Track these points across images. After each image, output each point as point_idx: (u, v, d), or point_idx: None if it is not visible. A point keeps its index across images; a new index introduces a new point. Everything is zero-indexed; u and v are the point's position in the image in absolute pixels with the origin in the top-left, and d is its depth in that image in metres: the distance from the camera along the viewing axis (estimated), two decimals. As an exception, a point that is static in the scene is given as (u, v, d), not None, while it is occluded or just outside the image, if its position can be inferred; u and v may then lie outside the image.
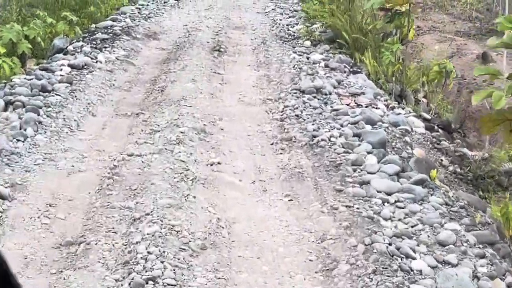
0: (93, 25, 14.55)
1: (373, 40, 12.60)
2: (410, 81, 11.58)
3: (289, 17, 17.19)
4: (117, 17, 15.58)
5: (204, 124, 8.35)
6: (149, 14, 16.66)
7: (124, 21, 15.15)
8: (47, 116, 8.24)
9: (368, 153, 7.28)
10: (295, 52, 12.62)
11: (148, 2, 18.63)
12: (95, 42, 12.84)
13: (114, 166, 6.74)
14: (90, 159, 7.15)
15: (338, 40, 12.99)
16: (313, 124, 8.28)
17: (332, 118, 8.57)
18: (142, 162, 6.80)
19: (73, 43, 12.79)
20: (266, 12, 18.04)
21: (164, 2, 19.31)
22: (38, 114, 8.21)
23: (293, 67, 11.45)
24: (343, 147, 7.45)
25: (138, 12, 16.82)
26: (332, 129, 8.07)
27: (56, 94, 9.11)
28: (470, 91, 14.91)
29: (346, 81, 10.46)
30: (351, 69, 11.38)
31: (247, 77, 11.39)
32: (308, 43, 13.50)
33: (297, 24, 15.81)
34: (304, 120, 8.50)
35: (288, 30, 15.05)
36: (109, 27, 14.38)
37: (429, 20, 19.70)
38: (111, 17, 15.72)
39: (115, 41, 13.05)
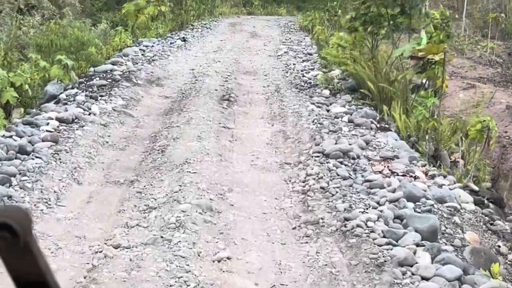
0: (92, 69, 13.04)
1: (401, 91, 11.03)
2: (444, 138, 9.96)
3: (303, 61, 15.70)
4: (119, 60, 14.07)
5: (211, 199, 6.72)
6: (153, 56, 15.16)
7: (126, 64, 13.64)
8: (21, 188, 6.62)
9: (417, 245, 5.64)
10: (313, 103, 11.05)
11: (154, 43, 17.19)
12: (91, 89, 11.29)
13: (93, 267, 5.08)
14: (66, 251, 5.50)
15: (361, 90, 11.42)
16: (343, 201, 6.64)
17: (366, 192, 6.93)
18: (130, 260, 5.13)
19: (67, 89, 11.25)
20: (279, 56, 16.55)
21: (171, 43, 17.87)
22: (10, 185, 6.60)
23: (312, 121, 9.87)
24: (384, 236, 5.80)
25: (142, 54, 15.33)
26: (367, 208, 6.44)
27: (36, 157, 7.51)
28: (503, 145, 13.32)
29: (375, 140, 8.84)
30: (378, 125, 9.78)
31: (260, 132, 9.80)
32: (326, 92, 11.94)
33: (312, 69, 14.28)
34: (332, 195, 6.87)
35: (303, 76, 13.51)
36: (108, 72, 12.86)
37: (449, 65, 18.12)
38: (112, 59, 14.22)
39: (114, 88, 11.50)
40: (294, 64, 15.23)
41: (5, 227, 0.75)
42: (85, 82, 11.85)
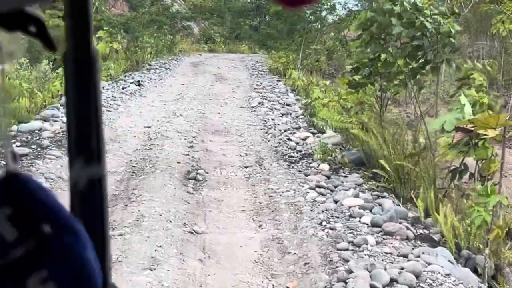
0: (15, 127, 9.40)
1: (428, 172, 7.68)
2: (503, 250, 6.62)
3: (282, 114, 12.29)
4: (53, 113, 10.46)
5: None
6: (99, 107, 11.50)
7: (61, 120, 10.02)
8: None
9: None
10: (313, 188, 7.61)
11: (103, 87, 13.55)
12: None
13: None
14: None
15: (374, 170, 8.04)
16: None
17: None
18: None
19: (-28, 161, 7.63)
20: (253, 108, 13.09)
21: (123, 88, 14.29)
22: None
23: (320, 223, 6.44)
24: None
25: (85, 104, 11.68)
26: None
27: None
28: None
29: (426, 270, 5.42)
30: (416, 232, 6.39)
31: (244, 241, 6.28)
32: (325, 167, 8.52)
33: (297, 129, 10.87)
34: None
35: (289, 140, 10.07)
36: (35, 132, 9.24)
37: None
38: (45, 112, 10.58)
39: (36, 161, 7.88)
40: (273, 119, 11.79)
41: None
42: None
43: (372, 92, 8.56)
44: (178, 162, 8.52)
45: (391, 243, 6.02)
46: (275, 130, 10.78)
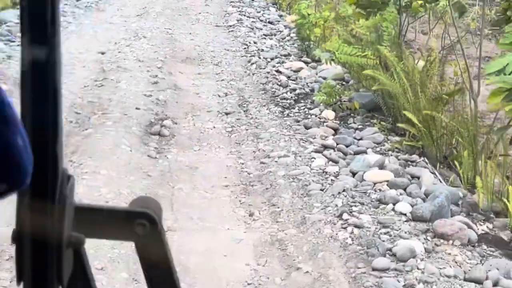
0: None
1: (467, 126, 5.49)
2: None
3: (266, 36, 9.87)
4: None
5: None
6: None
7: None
8: None
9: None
10: (319, 150, 5.39)
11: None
12: None
13: None
14: None
15: (399, 125, 5.80)
16: None
17: None
18: None
19: None
20: (230, 27, 10.57)
21: (77, 0, 11.64)
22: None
23: (338, 214, 4.28)
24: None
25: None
26: None
27: None
28: None
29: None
30: (478, 229, 4.25)
31: (229, 245, 4.08)
32: (330, 114, 6.27)
33: (287, 56, 8.49)
34: None
35: (279, 73, 7.71)
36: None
37: None
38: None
39: None
40: (255, 42, 9.35)
41: (145, 215, 0.71)
42: None
43: (393, 18, 6.22)
44: (137, 108, 6.17)
45: (449, 253, 3.89)
46: (259, 58, 8.39)
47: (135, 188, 4.63)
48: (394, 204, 4.43)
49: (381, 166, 5.03)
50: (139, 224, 0.72)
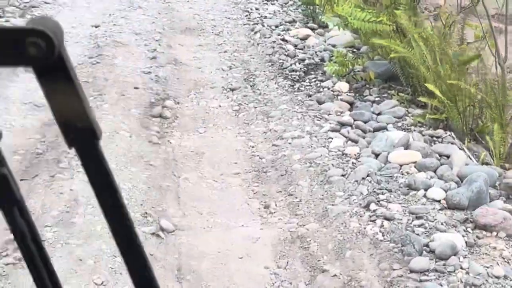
0: None
1: (495, 97, 4.96)
2: None
3: (268, 1, 9.20)
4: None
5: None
6: (33, -1, 8.34)
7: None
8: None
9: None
10: (336, 130, 4.86)
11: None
12: None
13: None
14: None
15: (420, 98, 5.25)
16: None
17: None
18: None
19: None
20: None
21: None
22: None
23: (364, 205, 3.77)
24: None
25: (15, -4, 8.48)
26: None
27: None
28: None
29: None
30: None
31: (245, 245, 3.60)
32: (343, 86, 5.72)
33: (292, 23, 7.89)
34: None
35: (285, 42, 7.13)
36: None
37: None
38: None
39: None
40: (257, 8, 8.70)
41: (39, 33, 0.60)
42: None
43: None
44: (135, 88, 5.61)
45: (494, 248, 3.40)
46: (263, 26, 7.78)
47: (137, 181, 4.12)
48: (425, 190, 3.92)
49: (406, 145, 4.50)
50: (32, 44, 0.61)
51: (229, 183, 4.29)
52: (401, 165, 4.27)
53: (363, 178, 4.06)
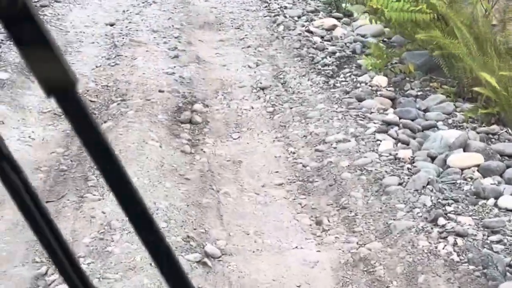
0: None
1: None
2: None
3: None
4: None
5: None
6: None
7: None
8: None
9: None
10: (383, 131, 4.41)
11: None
12: None
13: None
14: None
15: (471, 91, 4.78)
16: None
17: None
18: None
19: None
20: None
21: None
22: None
23: (431, 219, 3.32)
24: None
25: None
26: None
27: None
28: None
29: None
30: None
31: (302, 272, 3.16)
32: (382, 80, 5.26)
33: (315, 13, 7.42)
34: None
35: (311, 33, 6.66)
36: None
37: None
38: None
39: None
40: (275, -1, 8.24)
41: None
42: None
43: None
44: (160, 91, 5.16)
45: None
46: (285, 17, 7.31)
47: (174, 198, 3.69)
48: (495, 198, 3.48)
49: (464, 146, 4.05)
50: None
51: (273, 196, 3.85)
52: (462, 170, 3.82)
53: (423, 187, 3.62)
